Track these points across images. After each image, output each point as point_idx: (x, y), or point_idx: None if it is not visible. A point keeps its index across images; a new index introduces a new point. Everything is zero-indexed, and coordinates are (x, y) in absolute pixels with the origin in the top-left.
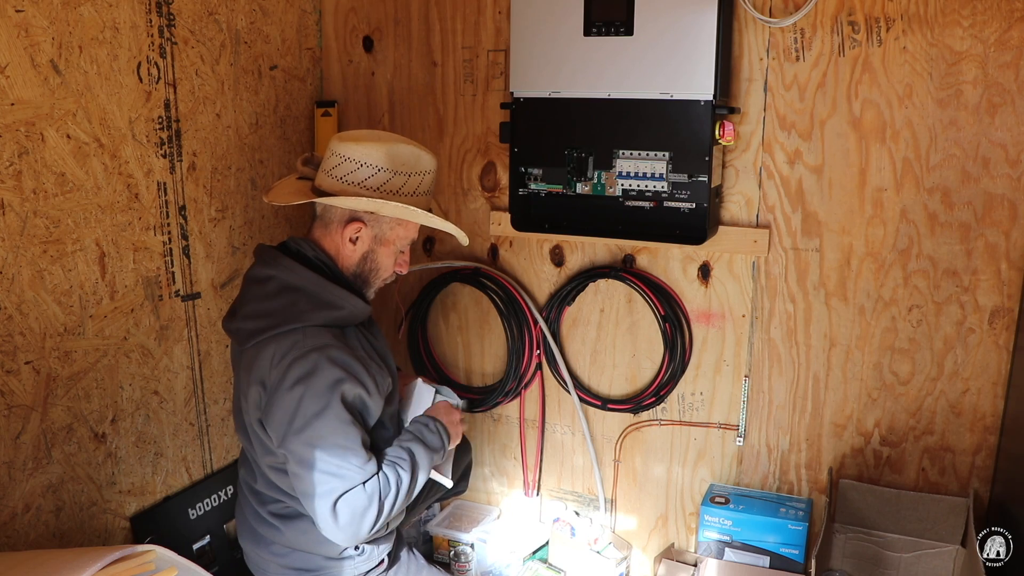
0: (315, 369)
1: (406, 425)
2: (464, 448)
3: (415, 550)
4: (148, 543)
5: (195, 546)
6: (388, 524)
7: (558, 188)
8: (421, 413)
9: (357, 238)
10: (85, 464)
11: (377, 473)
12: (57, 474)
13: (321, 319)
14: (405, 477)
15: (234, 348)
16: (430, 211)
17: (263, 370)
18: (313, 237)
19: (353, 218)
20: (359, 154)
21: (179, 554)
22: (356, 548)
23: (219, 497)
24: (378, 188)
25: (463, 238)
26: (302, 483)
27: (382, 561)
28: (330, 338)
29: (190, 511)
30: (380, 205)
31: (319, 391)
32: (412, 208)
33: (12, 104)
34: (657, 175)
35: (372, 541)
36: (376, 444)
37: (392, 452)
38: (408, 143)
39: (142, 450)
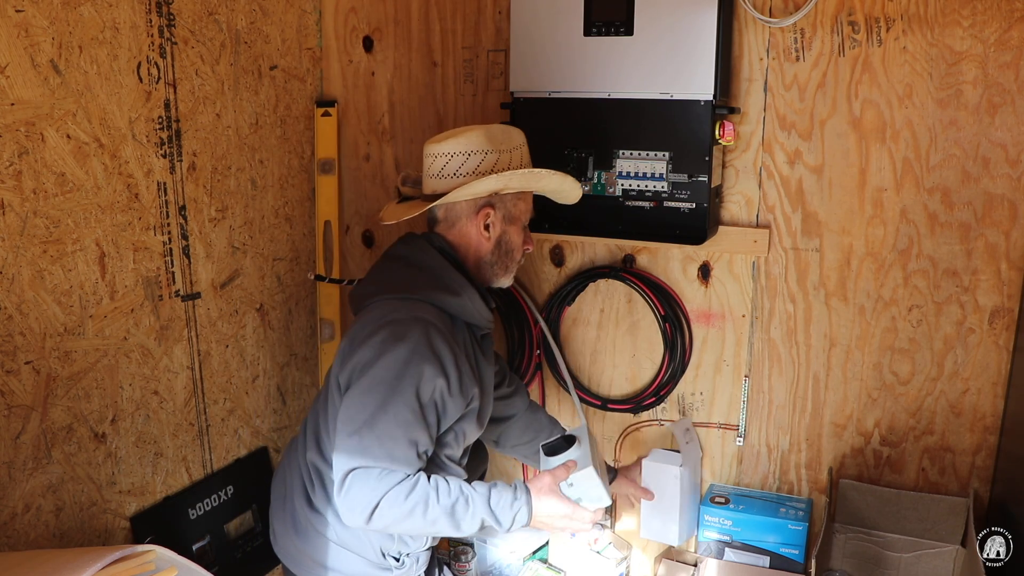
0: (406, 338)
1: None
2: (480, 458)
3: (446, 567)
4: (148, 543)
5: (195, 546)
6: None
7: None
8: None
9: (490, 223)
10: (85, 464)
11: (405, 477)
12: (57, 474)
13: (436, 299)
14: (425, 512)
15: None
16: None
17: (358, 327)
18: (439, 233)
19: (483, 205)
20: (461, 146)
21: (179, 554)
22: (396, 559)
23: (219, 497)
24: (491, 170)
25: (577, 194)
26: (335, 438)
27: None
28: (437, 318)
29: (190, 511)
30: (508, 178)
31: (398, 362)
32: (538, 170)
33: (12, 104)
34: (657, 175)
35: (411, 554)
36: (435, 453)
37: (446, 486)
38: (493, 125)
39: (142, 450)
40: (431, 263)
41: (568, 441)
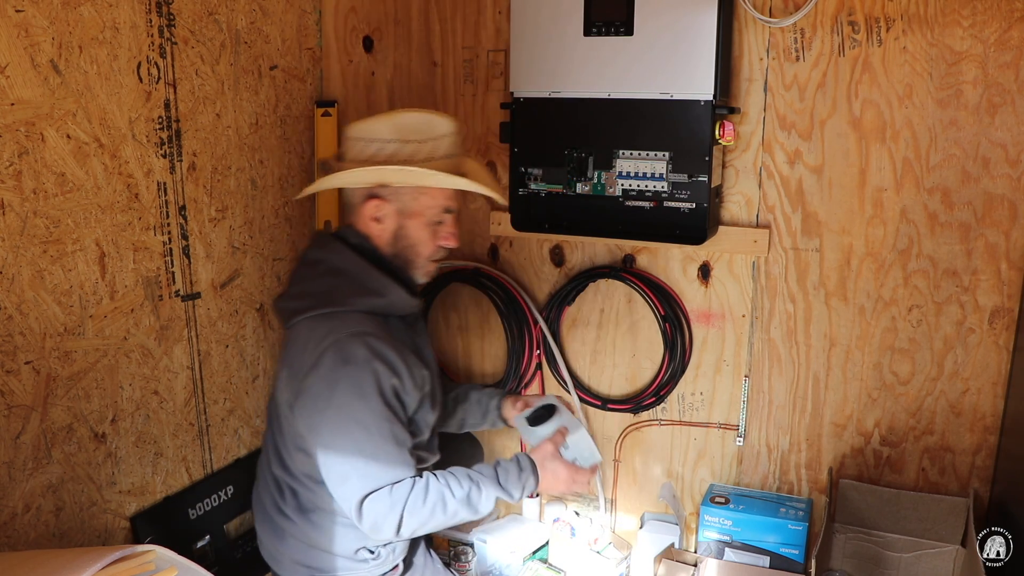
0: (352, 357)
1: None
2: (474, 453)
3: (432, 551)
4: (148, 543)
5: (195, 546)
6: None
7: (558, 188)
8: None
9: (380, 216)
10: (85, 464)
11: (413, 479)
12: (57, 474)
13: (362, 305)
14: (444, 508)
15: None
16: (464, 175)
17: (295, 352)
18: (350, 224)
19: (369, 195)
20: (364, 131)
21: (179, 554)
22: (371, 552)
23: (219, 497)
24: (385, 161)
25: (497, 195)
26: (330, 476)
27: (396, 566)
28: (370, 326)
29: (190, 511)
30: (380, 172)
31: (354, 381)
32: (412, 168)
33: (12, 104)
34: (657, 175)
35: (387, 544)
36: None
37: (455, 479)
38: (420, 111)
39: (142, 450)
40: (348, 266)
41: (548, 410)
